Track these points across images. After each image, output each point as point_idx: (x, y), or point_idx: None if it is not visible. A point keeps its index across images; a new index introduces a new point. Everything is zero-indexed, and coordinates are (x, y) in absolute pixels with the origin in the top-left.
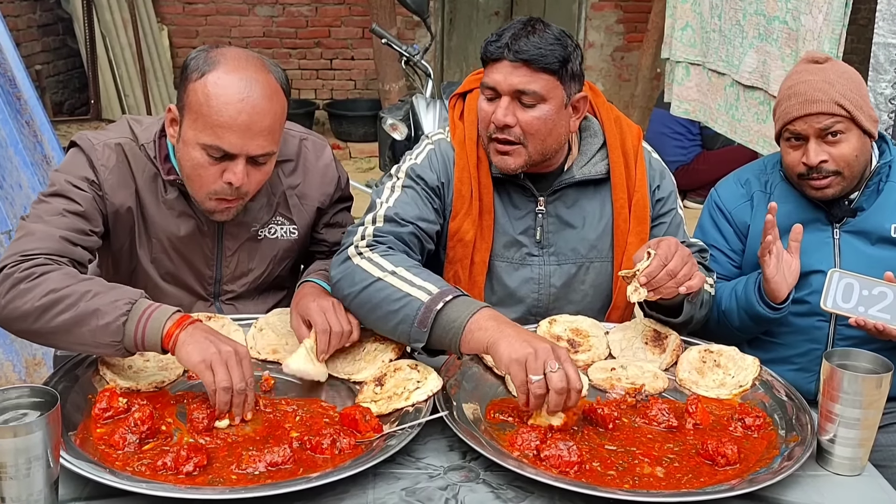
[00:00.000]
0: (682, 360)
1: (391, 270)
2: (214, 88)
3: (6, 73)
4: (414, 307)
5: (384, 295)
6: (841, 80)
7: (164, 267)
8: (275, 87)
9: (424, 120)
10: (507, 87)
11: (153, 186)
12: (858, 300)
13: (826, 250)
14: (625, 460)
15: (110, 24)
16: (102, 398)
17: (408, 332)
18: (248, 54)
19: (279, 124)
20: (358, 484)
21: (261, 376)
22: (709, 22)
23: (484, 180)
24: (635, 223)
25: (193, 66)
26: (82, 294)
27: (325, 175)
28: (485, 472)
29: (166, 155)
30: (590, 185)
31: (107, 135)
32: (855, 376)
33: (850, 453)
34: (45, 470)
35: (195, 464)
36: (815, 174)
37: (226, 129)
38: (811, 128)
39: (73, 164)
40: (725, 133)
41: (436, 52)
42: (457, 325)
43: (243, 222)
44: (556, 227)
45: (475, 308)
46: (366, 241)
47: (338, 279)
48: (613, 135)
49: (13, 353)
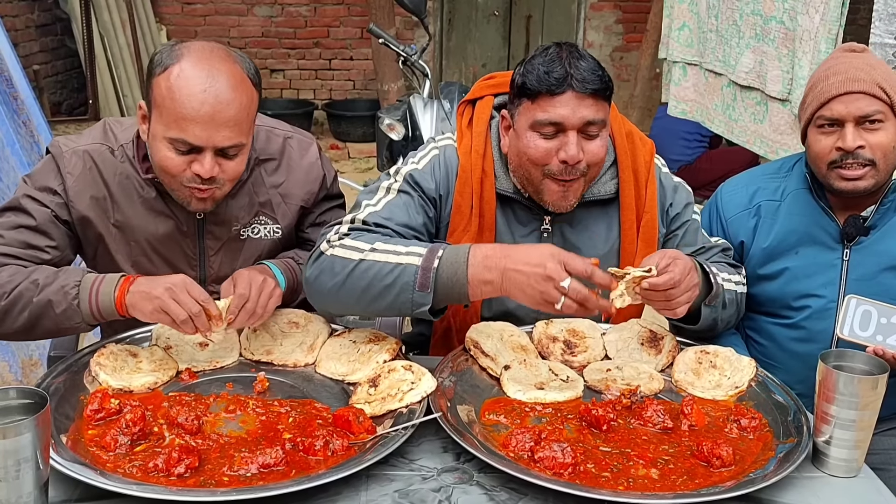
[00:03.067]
0: (677, 361)
1: (369, 248)
2: (177, 81)
3: (3, 73)
4: (410, 273)
5: (373, 273)
6: (882, 67)
7: (145, 269)
8: (240, 76)
9: (422, 120)
10: (578, 121)
11: (129, 188)
12: (876, 328)
13: (832, 273)
14: (619, 462)
15: (108, 24)
16: (94, 399)
17: (410, 298)
18: (214, 46)
19: (246, 114)
20: (351, 485)
21: (255, 377)
22: (706, 22)
23: (487, 195)
24: (643, 245)
25: (157, 60)
26: (33, 289)
27: (308, 173)
28: (478, 474)
29: (145, 154)
30: (597, 205)
31: (77, 141)
32: (851, 377)
33: (845, 455)
34: (34, 472)
35: (187, 465)
36: (850, 160)
37: (189, 122)
38: (850, 112)
39: (40, 173)
40: (722, 133)
41: (434, 52)
42: (460, 277)
43: (224, 221)
44: (560, 247)
45: (464, 255)
46: (338, 236)
47: (316, 275)
48: (625, 152)
49: (9, 354)
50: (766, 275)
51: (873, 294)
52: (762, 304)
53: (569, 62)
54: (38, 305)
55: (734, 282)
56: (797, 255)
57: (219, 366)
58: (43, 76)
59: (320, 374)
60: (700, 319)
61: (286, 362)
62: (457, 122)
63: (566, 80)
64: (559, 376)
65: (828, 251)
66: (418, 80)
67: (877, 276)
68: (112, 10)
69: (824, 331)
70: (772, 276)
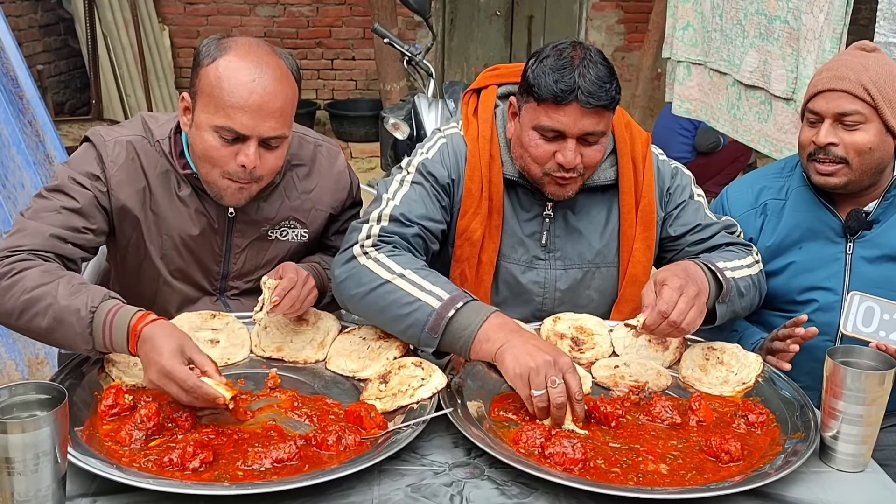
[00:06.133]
0: (685, 357)
1: (399, 273)
2: (226, 71)
3: (9, 73)
4: (425, 313)
5: (393, 298)
6: (880, 69)
7: (173, 263)
8: (285, 71)
9: (426, 119)
10: (578, 131)
11: (166, 183)
12: (879, 324)
13: (836, 266)
14: (629, 457)
15: (112, 24)
16: (108, 395)
17: (418, 336)
18: (259, 41)
19: (290, 107)
20: (363, 480)
21: (267, 374)
22: (710, 21)
23: (495, 179)
24: (641, 229)
25: (205, 52)
26: (53, 298)
27: (338, 182)
28: (489, 469)
29: (181, 151)
30: (597, 191)
31: (119, 131)
32: (858, 373)
33: (853, 450)
34: (53, 465)
35: (201, 460)
36: (822, 156)
37: (237, 110)
38: (829, 108)
39: (82, 159)
40: (727, 132)
41: (437, 51)
42: (467, 334)
43: (254, 221)
44: (562, 231)
45: (484, 316)
46: (371, 240)
47: (343, 278)
48: (624, 141)
49: (16, 353)
50: (772, 271)
51: (878, 287)
52: (768, 299)
53: (579, 71)
54: (55, 318)
55: (746, 265)
56: (801, 250)
57: (230, 362)
58: (46, 76)
59: (331, 371)
60: (717, 318)
61: (297, 359)
62: (462, 110)
63: (573, 92)
64: None
65: (831, 245)
66: (422, 79)
67: (881, 270)
68: (115, 10)
69: (829, 324)
70: (777, 272)
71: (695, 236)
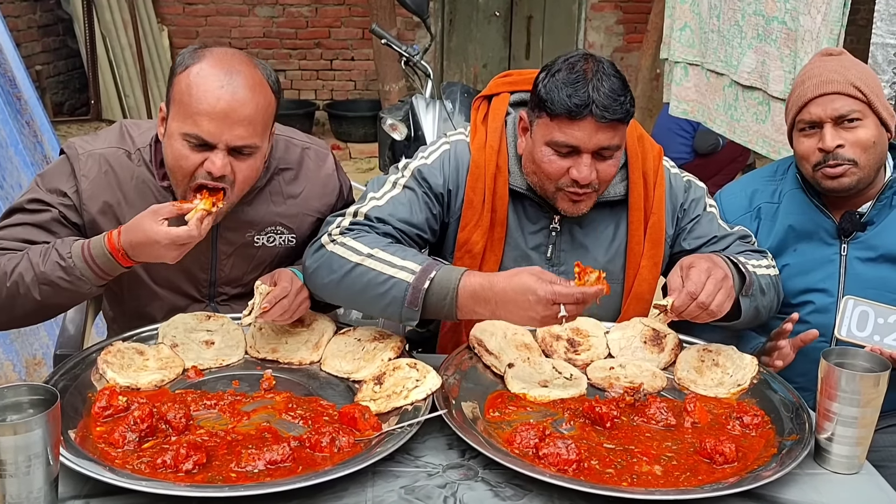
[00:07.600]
0: (680, 359)
1: (367, 253)
2: (196, 78)
3: (6, 74)
4: (401, 289)
5: (366, 280)
6: (857, 68)
7: (157, 272)
8: (259, 79)
9: (424, 120)
10: (594, 146)
11: (145, 192)
12: (874, 329)
13: (830, 268)
14: (623, 458)
15: (110, 24)
16: (102, 397)
17: (399, 312)
18: (236, 52)
19: (262, 117)
20: (357, 482)
21: (262, 375)
22: (707, 22)
23: (500, 191)
24: (649, 246)
25: (180, 60)
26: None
27: (326, 185)
28: (483, 471)
29: (162, 159)
30: (606, 206)
31: (94, 143)
32: (853, 375)
33: (847, 451)
34: (44, 468)
35: (195, 462)
36: (831, 160)
37: (203, 117)
38: (827, 113)
39: (53, 174)
40: (724, 133)
41: (436, 52)
42: (448, 300)
43: (239, 227)
44: (568, 246)
45: (457, 277)
46: (339, 229)
47: (314, 268)
48: (636, 155)
49: (13, 353)
50: None
51: (873, 288)
52: None
53: (593, 84)
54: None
55: (764, 266)
56: (795, 252)
57: (225, 364)
58: (45, 76)
59: (325, 372)
60: (742, 312)
61: (292, 360)
62: (471, 116)
63: (587, 106)
64: (562, 374)
65: (825, 247)
66: (420, 80)
67: (876, 271)
68: (114, 10)
69: (825, 326)
70: None
71: (710, 248)
